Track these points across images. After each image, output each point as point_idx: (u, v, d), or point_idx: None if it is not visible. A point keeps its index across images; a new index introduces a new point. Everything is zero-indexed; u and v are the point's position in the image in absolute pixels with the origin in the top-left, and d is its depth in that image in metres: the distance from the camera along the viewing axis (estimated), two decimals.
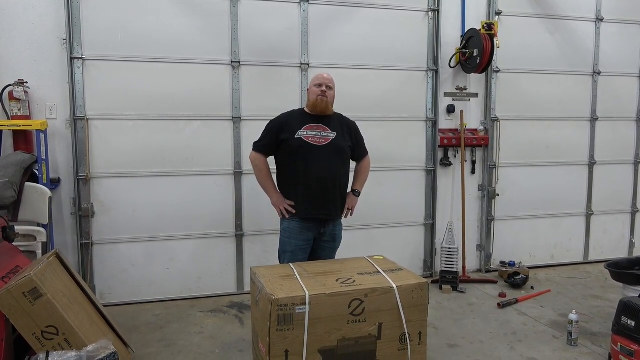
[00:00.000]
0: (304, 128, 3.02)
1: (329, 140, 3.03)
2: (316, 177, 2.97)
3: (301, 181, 3.00)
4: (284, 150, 3.06)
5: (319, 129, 3.04)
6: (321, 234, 3.09)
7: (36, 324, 2.40)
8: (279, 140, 3.04)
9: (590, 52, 5.11)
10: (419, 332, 2.54)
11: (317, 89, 3.04)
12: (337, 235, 3.17)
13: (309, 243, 3.08)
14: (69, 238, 3.97)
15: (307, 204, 3.00)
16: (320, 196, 2.99)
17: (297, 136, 3.00)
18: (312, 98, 3.07)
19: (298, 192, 3.02)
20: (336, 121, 3.15)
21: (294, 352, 2.32)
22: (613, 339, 2.93)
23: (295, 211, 3.03)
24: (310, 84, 3.14)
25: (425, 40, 4.64)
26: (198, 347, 3.30)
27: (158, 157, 4.07)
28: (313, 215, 3.01)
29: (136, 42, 3.94)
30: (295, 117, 3.12)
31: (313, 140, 3.00)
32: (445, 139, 4.71)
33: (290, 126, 3.05)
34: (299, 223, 3.03)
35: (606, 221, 5.37)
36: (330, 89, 3.07)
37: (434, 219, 4.78)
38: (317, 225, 3.05)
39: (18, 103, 3.65)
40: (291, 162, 3.03)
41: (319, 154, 2.99)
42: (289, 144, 3.01)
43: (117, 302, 4.04)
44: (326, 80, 3.07)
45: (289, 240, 3.06)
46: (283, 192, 3.11)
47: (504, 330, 3.59)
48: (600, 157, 5.24)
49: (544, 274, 4.94)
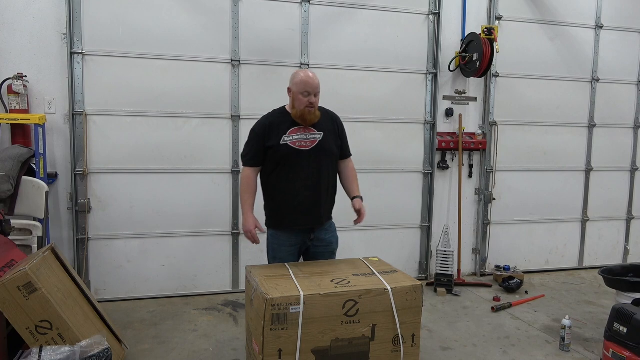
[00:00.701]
0: (289, 132, 2.78)
1: (316, 142, 2.81)
2: (304, 184, 2.79)
3: (288, 189, 2.81)
4: (270, 158, 2.82)
5: (305, 130, 2.80)
6: (312, 239, 2.92)
7: (30, 318, 2.40)
8: (266, 148, 2.80)
9: (590, 58, 5.13)
10: (412, 334, 2.54)
11: (305, 100, 2.73)
12: (330, 240, 2.98)
13: (297, 247, 2.92)
14: (65, 233, 3.97)
15: (294, 214, 2.82)
16: (309, 204, 2.81)
17: (282, 142, 2.77)
18: (298, 108, 2.76)
19: (285, 201, 2.83)
20: (323, 119, 2.87)
21: (287, 351, 2.32)
22: (605, 345, 2.94)
23: (282, 220, 2.86)
24: (295, 88, 2.76)
25: (425, 43, 4.65)
26: (192, 344, 3.31)
27: (156, 154, 4.07)
28: (300, 225, 2.85)
29: (136, 38, 3.94)
30: (279, 119, 2.84)
31: (300, 145, 2.78)
32: (444, 142, 4.72)
33: (274, 131, 2.80)
34: (286, 232, 2.88)
35: (601, 227, 5.39)
36: (318, 95, 2.78)
37: (430, 222, 4.79)
38: (307, 231, 2.89)
39: (17, 97, 3.65)
40: (277, 170, 2.83)
41: (306, 158, 2.78)
42: (275, 151, 2.78)
43: (112, 298, 4.04)
44: (314, 88, 2.74)
45: (278, 247, 2.91)
46: (270, 201, 2.91)
47: (497, 334, 3.60)
48: (597, 164, 5.26)
49: (538, 278, 4.96)
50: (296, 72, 2.86)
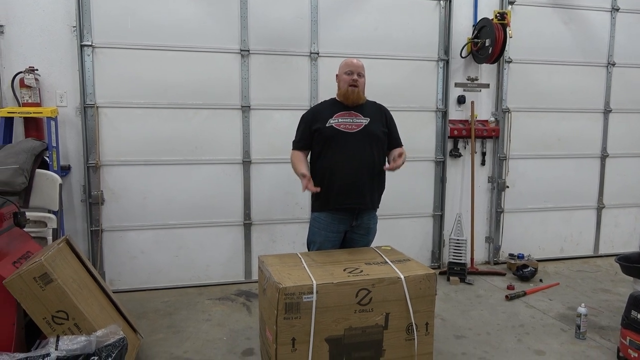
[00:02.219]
0: (335, 116, 2.89)
1: (362, 126, 2.88)
2: (349, 164, 2.83)
3: (334, 170, 2.85)
4: (316, 140, 2.92)
5: (350, 115, 2.90)
6: (354, 226, 2.95)
7: (47, 308, 2.42)
8: (313, 131, 2.92)
9: (605, 42, 5.02)
10: (426, 323, 2.53)
11: (348, 77, 2.89)
12: (371, 229, 3.02)
13: (339, 235, 2.95)
14: (79, 225, 4.01)
15: (340, 194, 2.84)
16: (354, 185, 2.84)
17: (328, 125, 2.87)
18: (342, 87, 2.93)
19: (331, 182, 2.85)
20: (370, 107, 3.01)
21: (300, 340, 2.33)
22: (622, 332, 2.91)
23: (327, 202, 2.88)
24: (340, 70, 2.98)
25: (436, 29, 4.59)
26: (206, 333, 3.33)
27: (167, 146, 4.08)
28: (346, 205, 2.86)
29: (145, 30, 3.94)
30: (327, 106, 3.00)
31: (345, 127, 2.86)
32: (456, 129, 4.67)
33: (321, 115, 2.93)
34: (330, 214, 2.90)
35: (618, 215, 5.31)
36: (361, 76, 2.92)
37: (442, 210, 4.76)
38: (350, 217, 2.91)
39: (29, 90, 3.68)
40: (323, 152, 2.89)
41: (351, 141, 2.84)
42: (321, 133, 2.88)
43: (127, 288, 4.09)
44: (357, 67, 2.91)
45: (318, 231, 2.94)
46: (316, 183, 2.87)
47: (511, 322, 3.57)
48: (612, 150, 5.17)
49: (553, 267, 4.91)
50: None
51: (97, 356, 2.39)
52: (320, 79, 4.29)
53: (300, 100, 4.28)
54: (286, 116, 4.24)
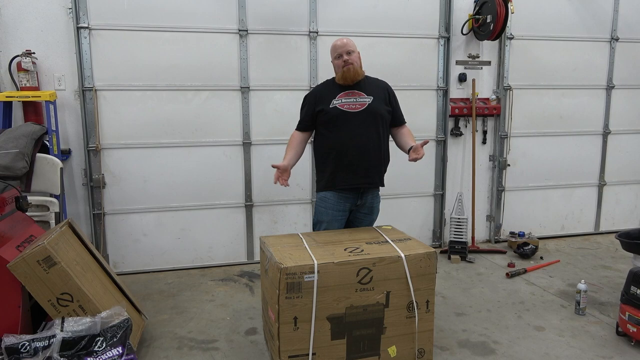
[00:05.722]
0: (338, 96, 2.91)
1: (366, 105, 2.90)
2: (354, 144, 2.86)
3: (339, 150, 2.89)
4: (320, 121, 2.95)
5: (353, 95, 2.92)
6: (358, 205, 2.99)
7: (51, 291, 2.46)
8: (316, 112, 2.95)
9: (609, 17, 4.93)
10: (427, 301, 2.56)
11: (339, 62, 2.93)
12: (375, 208, 3.06)
13: (345, 214, 2.99)
14: (82, 208, 4.04)
15: (345, 173, 2.89)
16: (359, 164, 2.88)
17: (332, 105, 2.90)
18: (338, 72, 2.96)
19: (336, 162, 2.90)
20: (372, 84, 3.02)
21: (302, 319, 2.36)
22: (621, 308, 2.93)
23: (333, 181, 2.93)
24: (331, 58, 3.01)
25: (437, 6, 4.51)
26: (209, 314, 3.37)
27: (167, 128, 4.07)
28: (352, 184, 2.90)
29: (142, 11, 3.89)
30: (329, 87, 3.01)
31: (349, 107, 2.89)
32: (457, 108, 4.63)
33: (324, 96, 2.95)
34: (336, 193, 2.93)
35: (619, 192, 5.31)
36: (351, 52, 2.92)
37: (443, 190, 4.76)
38: (355, 195, 2.95)
39: (27, 74, 3.65)
40: (328, 132, 2.93)
41: (355, 120, 2.88)
42: (326, 114, 2.91)
43: (130, 270, 4.13)
44: (343, 48, 2.92)
45: (325, 210, 2.97)
46: (321, 163, 3.00)
47: (511, 299, 3.61)
48: (615, 127, 5.14)
49: (553, 244, 4.93)
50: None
51: (102, 337, 2.43)
52: (320, 58, 4.25)
53: (300, 80, 4.25)
54: (286, 97, 4.21)
